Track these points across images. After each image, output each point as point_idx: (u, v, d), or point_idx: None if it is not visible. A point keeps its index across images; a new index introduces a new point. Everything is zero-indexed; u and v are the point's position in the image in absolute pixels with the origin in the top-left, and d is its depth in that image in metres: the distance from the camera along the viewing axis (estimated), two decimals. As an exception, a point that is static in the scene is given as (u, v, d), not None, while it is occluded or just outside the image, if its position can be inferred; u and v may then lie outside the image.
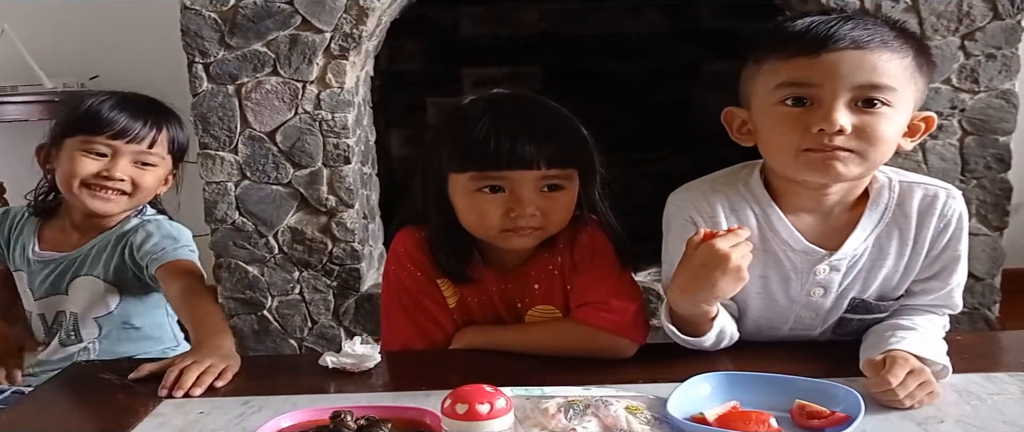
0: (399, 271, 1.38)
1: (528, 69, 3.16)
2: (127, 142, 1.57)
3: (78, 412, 1.19)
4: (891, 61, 1.11)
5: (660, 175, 1.48)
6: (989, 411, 1.03)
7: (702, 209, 1.25)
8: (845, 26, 1.11)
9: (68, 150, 1.57)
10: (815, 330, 1.29)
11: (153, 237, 1.60)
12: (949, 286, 1.23)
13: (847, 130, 1.10)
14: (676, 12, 3.10)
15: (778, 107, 1.14)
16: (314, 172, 2.21)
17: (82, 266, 1.64)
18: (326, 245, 2.25)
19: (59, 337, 1.67)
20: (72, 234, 1.67)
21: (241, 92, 2.18)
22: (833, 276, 1.22)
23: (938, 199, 1.22)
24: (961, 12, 2.09)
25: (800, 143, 1.12)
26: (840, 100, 1.10)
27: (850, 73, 1.10)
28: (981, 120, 2.16)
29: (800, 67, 1.12)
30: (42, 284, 1.65)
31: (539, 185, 1.26)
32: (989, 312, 2.26)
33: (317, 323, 2.32)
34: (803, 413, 1.01)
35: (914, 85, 1.14)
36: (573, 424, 0.99)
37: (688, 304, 1.16)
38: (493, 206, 1.26)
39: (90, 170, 1.56)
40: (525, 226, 1.27)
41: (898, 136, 1.15)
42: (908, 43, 1.13)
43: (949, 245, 1.22)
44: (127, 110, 1.58)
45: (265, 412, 1.10)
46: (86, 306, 1.65)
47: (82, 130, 1.57)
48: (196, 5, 2.14)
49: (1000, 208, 2.21)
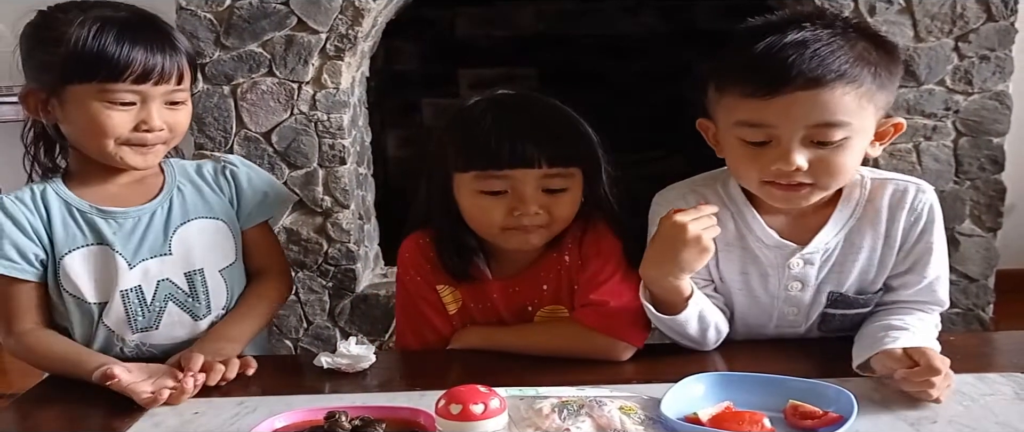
0: (402, 276, 1.41)
1: (524, 70, 3.16)
2: (155, 84, 1.30)
3: (72, 412, 1.19)
4: (845, 95, 1.10)
5: (656, 175, 1.48)
6: (981, 411, 1.04)
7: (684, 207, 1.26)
8: (800, 58, 1.09)
9: (80, 101, 1.29)
10: (800, 327, 1.31)
11: (256, 182, 1.48)
12: (926, 278, 1.25)
13: (804, 168, 1.13)
14: (672, 13, 3.11)
15: (738, 142, 1.17)
16: (310, 173, 2.21)
17: (180, 211, 1.40)
18: (322, 246, 2.25)
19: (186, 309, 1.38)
20: (126, 184, 1.39)
21: (237, 93, 2.18)
22: (808, 270, 1.25)
23: (908, 193, 1.24)
24: (955, 14, 2.09)
25: (761, 176, 1.17)
26: (795, 140, 1.12)
27: (804, 114, 1.11)
28: (975, 122, 2.16)
29: (754, 109, 1.13)
30: (139, 247, 1.35)
31: (542, 184, 1.27)
32: (983, 313, 2.27)
33: (313, 324, 2.32)
34: (796, 413, 1.01)
35: (873, 105, 1.14)
36: (567, 424, 0.99)
37: (658, 278, 1.17)
38: (496, 205, 1.28)
39: (125, 125, 1.30)
40: (529, 225, 1.28)
41: (860, 154, 1.17)
42: (866, 64, 1.12)
43: (921, 237, 1.24)
44: (138, 42, 1.29)
45: (260, 412, 1.11)
46: (210, 257, 1.40)
47: (93, 75, 1.27)
48: (191, 6, 2.14)
49: (994, 209, 2.21)
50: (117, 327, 1.35)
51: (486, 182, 1.27)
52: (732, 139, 1.18)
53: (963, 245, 2.23)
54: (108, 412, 1.15)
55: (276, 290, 1.50)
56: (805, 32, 1.11)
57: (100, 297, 1.35)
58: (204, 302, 1.39)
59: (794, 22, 1.13)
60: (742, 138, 1.16)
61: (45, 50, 1.30)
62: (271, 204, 1.49)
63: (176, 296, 1.38)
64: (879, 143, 1.21)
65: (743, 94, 1.14)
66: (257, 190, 1.47)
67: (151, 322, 1.37)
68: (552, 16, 3.14)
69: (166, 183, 1.41)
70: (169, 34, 1.34)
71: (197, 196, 1.42)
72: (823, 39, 1.11)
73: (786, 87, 1.09)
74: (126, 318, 1.35)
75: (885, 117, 1.20)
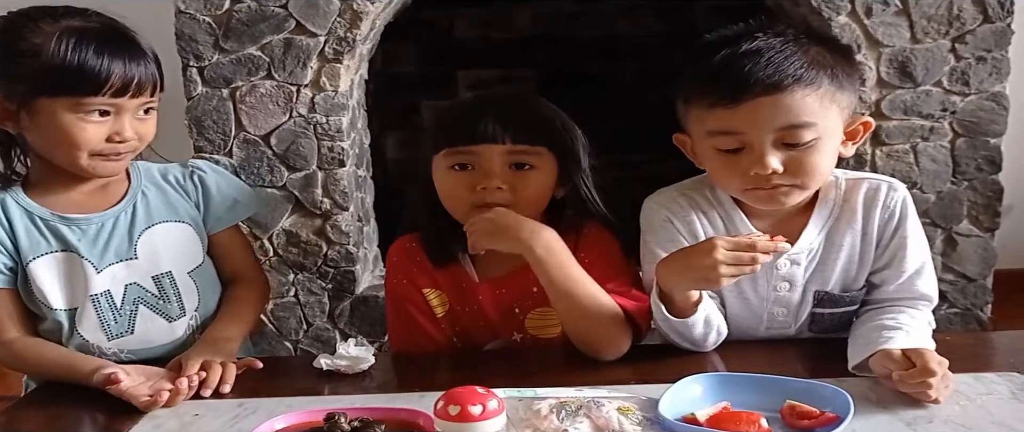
0: (390, 279, 1.43)
1: (522, 71, 3.16)
2: (131, 97, 1.30)
3: (71, 414, 1.19)
4: (806, 96, 1.16)
5: (654, 177, 1.48)
6: (978, 411, 1.04)
7: (675, 211, 1.31)
8: (757, 65, 1.15)
9: (52, 112, 1.27)
10: (790, 328, 1.33)
11: (225, 188, 1.47)
12: (905, 272, 1.27)
13: (780, 170, 1.18)
14: (669, 15, 3.11)
15: (714, 151, 1.22)
16: (309, 175, 2.21)
17: (144, 216, 1.39)
18: (321, 248, 2.25)
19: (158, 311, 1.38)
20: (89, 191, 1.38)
21: (235, 96, 2.18)
22: (795, 270, 1.28)
23: (881, 191, 1.28)
24: (951, 15, 2.10)
25: (742, 184, 1.21)
26: (767, 144, 1.17)
27: (769, 118, 1.16)
28: (972, 122, 2.16)
29: (723, 118, 1.18)
30: (104, 252, 1.35)
31: (507, 160, 1.30)
32: (981, 313, 2.27)
33: (312, 325, 2.32)
34: (793, 413, 1.02)
35: (836, 105, 1.19)
36: (565, 425, 1.00)
37: (670, 284, 1.19)
38: (462, 181, 1.31)
39: (99, 137, 1.29)
40: (492, 201, 1.29)
41: (833, 153, 1.22)
42: (821, 67, 1.18)
43: (896, 232, 1.27)
44: (116, 56, 1.27)
45: (259, 414, 1.11)
46: (178, 259, 1.40)
47: (73, 90, 1.26)
48: (190, 9, 2.14)
49: (991, 209, 2.21)
50: (93, 336, 1.35)
51: (454, 157, 1.31)
52: (708, 149, 1.23)
53: (961, 245, 2.23)
54: (107, 415, 1.15)
55: (256, 293, 1.52)
56: (758, 41, 1.18)
57: (69, 303, 1.34)
58: (176, 304, 1.40)
59: (747, 34, 1.20)
60: (717, 147, 1.21)
61: (16, 61, 1.27)
62: (241, 209, 1.51)
63: (146, 299, 1.38)
64: (851, 143, 1.26)
65: (709, 105, 1.19)
66: (226, 196, 1.47)
67: (125, 327, 1.37)
68: (550, 18, 3.14)
69: (131, 187, 1.41)
70: (139, 44, 1.33)
71: (162, 200, 1.42)
72: (776, 47, 1.17)
73: (747, 94, 1.15)
74: (100, 324, 1.35)
75: (852, 117, 1.24)
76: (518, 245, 1.25)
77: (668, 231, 1.29)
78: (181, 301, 1.40)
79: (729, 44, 1.20)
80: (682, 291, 1.18)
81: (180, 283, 1.40)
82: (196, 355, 1.27)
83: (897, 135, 2.16)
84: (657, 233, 1.31)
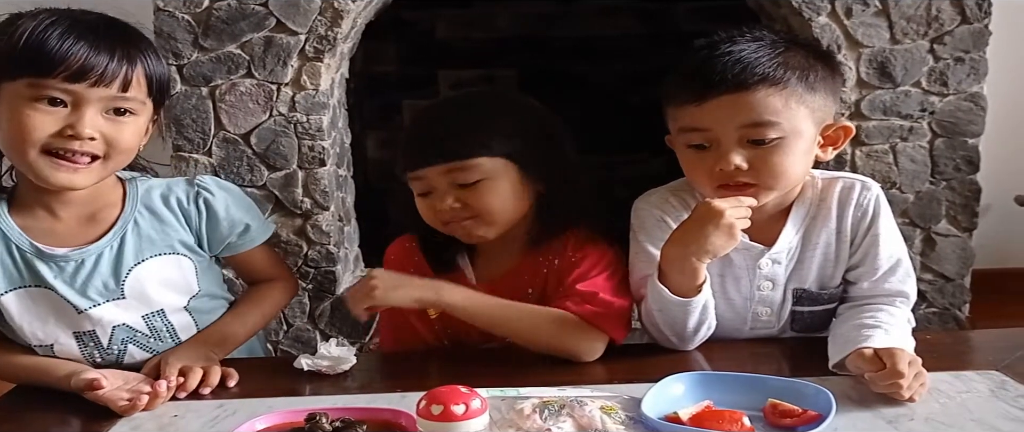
0: None
1: (503, 72, 3.16)
2: (92, 85, 1.14)
3: (46, 421, 1.17)
4: (770, 95, 1.19)
5: (637, 178, 1.49)
6: (957, 409, 1.05)
7: (668, 210, 1.33)
8: (725, 64, 1.18)
9: (10, 100, 1.14)
10: (774, 327, 1.35)
11: (235, 212, 1.34)
12: (879, 269, 1.29)
13: (744, 167, 1.20)
14: (651, 15, 3.12)
15: (686, 148, 1.25)
16: (289, 174, 2.20)
17: (133, 250, 1.26)
18: (301, 248, 2.24)
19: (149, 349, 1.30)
20: (71, 219, 1.24)
21: (215, 94, 2.16)
22: (776, 269, 1.30)
23: (854, 189, 1.30)
24: (930, 16, 2.11)
25: (710, 181, 1.24)
26: (731, 141, 1.20)
27: (733, 115, 1.19)
28: (950, 123, 2.18)
29: (691, 114, 1.22)
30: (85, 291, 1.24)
31: (449, 179, 1.29)
32: (959, 312, 2.29)
33: (292, 326, 2.31)
34: (775, 412, 1.02)
35: (805, 107, 1.21)
36: (548, 424, 1.00)
37: (681, 257, 1.20)
38: (425, 206, 1.33)
39: (47, 129, 1.13)
40: (451, 220, 1.31)
41: (804, 156, 1.23)
42: (790, 69, 1.20)
43: (869, 230, 1.29)
44: (85, 38, 1.14)
45: (240, 415, 1.10)
46: (170, 296, 1.30)
47: (24, 68, 1.12)
48: (169, 7, 2.12)
49: (969, 209, 2.23)
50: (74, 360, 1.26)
51: (414, 183, 1.33)
52: (681, 147, 1.26)
53: (939, 245, 2.25)
54: (85, 419, 1.14)
55: (281, 291, 1.47)
56: (733, 45, 1.22)
57: (45, 340, 1.25)
58: (169, 340, 1.31)
59: (729, 37, 1.23)
60: (687, 143, 1.24)
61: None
62: (257, 234, 1.39)
63: (136, 339, 1.29)
64: (832, 148, 1.28)
65: (681, 102, 1.23)
66: (236, 220, 1.35)
67: (112, 361, 1.28)
68: (531, 18, 3.14)
69: (122, 215, 1.27)
70: (135, 43, 1.21)
71: (156, 228, 1.29)
72: (749, 49, 1.21)
73: (712, 91, 1.19)
74: (83, 358, 1.27)
75: (833, 121, 1.26)
76: (422, 303, 1.27)
77: (662, 230, 1.29)
78: (176, 336, 1.32)
79: (711, 46, 1.23)
80: (697, 263, 1.19)
81: (174, 320, 1.31)
82: (176, 358, 1.24)
83: (876, 135, 2.17)
84: (651, 232, 1.32)
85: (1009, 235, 2.71)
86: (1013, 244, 2.75)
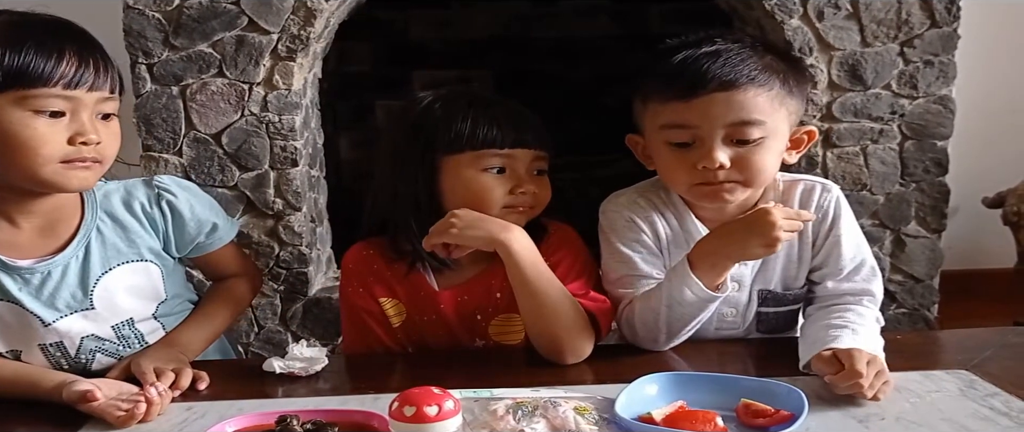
0: (345, 286, 1.40)
1: (478, 72, 3.15)
2: (89, 90, 1.13)
3: (15, 420, 1.15)
4: (758, 96, 1.21)
5: (609, 179, 1.49)
6: (927, 408, 1.06)
7: (637, 211, 1.34)
8: (714, 64, 1.20)
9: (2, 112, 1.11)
10: (739, 328, 1.36)
11: (200, 211, 1.32)
12: (842, 270, 1.30)
13: (727, 165, 1.21)
14: (625, 17, 3.13)
15: (665, 146, 1.25)
16: (261, 175, 2.18)
17: (100, 259, 1.24)
18: (273, 249, 2.22)
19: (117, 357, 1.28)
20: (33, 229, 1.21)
21: (186, 93, 2.14)
22: (743, 269, 1.31)
23: (815, 192, 1.32)
24: (900, 20, 2.14)
25: (690, 179, 1.24)
26: (717, 139, 1.21)
27: (721, 113, 1.20)
28: (920, 125, 2.21)
29: (676, 111, 1.22)
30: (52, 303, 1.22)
31: (533, 166, 1.33)
32: (928, 313, 2.32)
33: (264, 328, 2.29)
34: (748, 412, 1.02)
35: (785, 109, 1.24)
36: (522, 425, 0.99)
37: (716, 254, 1.19)
38: (498, 184, 1.31)
39: (59, 142, 1.12)
40: (520, 204, 1.32)
41: (778, 157, 1.26)
42: (774, 72, 1.23)
43: (830, 231, 1.31)
44: (65, 41, 1.13)
45: (209, 418, 1.09)
46: (139, 304, 1.29)
47: (19, 81, 1.09)
48: (139, 5, 2.09)
49: (938, 211, 2.26)
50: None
51: (489, 160, 1.31)
52: (660, 145, 1.26)
53: (909, 246, 2.27)
54: (51, 420, 1.11)
55: (246, 286, 1.46)
56: (717, 45, 1.23)
57: (9, 347, 1.23)
58: (138, 346, 1.30)
59: (707, 38, 1.24)
60: (669, 141, 1.25)
61: None
62: (224, 232, 1.38)
63: (105, 348, 1.28)
64: (796, 151, 1.30)
65: (666, 99, 1.23)
66: (202, 220, 1.33)
67: (79, 369, 1.26)
68: (506, 19, 3.14)
69: (83, 224, 1.24)
70: (97, 42, 1.19)
71: (120, 236, 1.26)
72: (734, 50, 1.22)
73: (703, 89, 1.20)
74: (50, 366, 1.25)
75: (798, 125, 1.29)
76: (492, 243, 1.24)
77: (633, 230, 1.31)
78: (144, 342, 1.30)
79: (690, 46, 1.24)
80: (733, 261, 1.20)
81: (143, 327, 1.30)
82: (147, 361, 1.22)
83: (847, 137, 2.19)
84: (621, 233, 1.32)
85: (977, 237, 2.75)
86: (981, 245, 2.79)
